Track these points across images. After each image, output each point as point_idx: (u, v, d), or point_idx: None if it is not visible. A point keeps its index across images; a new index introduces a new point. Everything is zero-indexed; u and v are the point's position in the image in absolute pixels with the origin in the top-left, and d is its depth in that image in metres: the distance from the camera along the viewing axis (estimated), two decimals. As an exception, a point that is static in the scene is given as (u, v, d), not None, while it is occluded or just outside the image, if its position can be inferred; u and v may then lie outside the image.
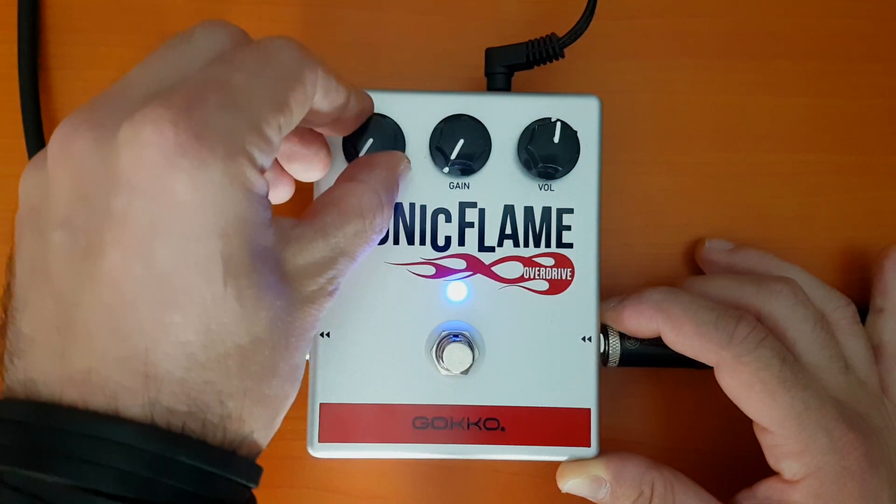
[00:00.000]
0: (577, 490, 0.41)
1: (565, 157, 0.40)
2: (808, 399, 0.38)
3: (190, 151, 0.28)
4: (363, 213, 0.35)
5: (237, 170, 0.29)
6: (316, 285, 0.33)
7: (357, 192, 0.36)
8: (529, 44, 0.42)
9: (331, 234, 0.34)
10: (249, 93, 0.31)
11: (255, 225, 0.30)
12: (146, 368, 0.28)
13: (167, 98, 0.29)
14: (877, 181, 0.49)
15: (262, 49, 0.33)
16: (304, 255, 0.33)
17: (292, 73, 0.33)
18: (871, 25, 0.50)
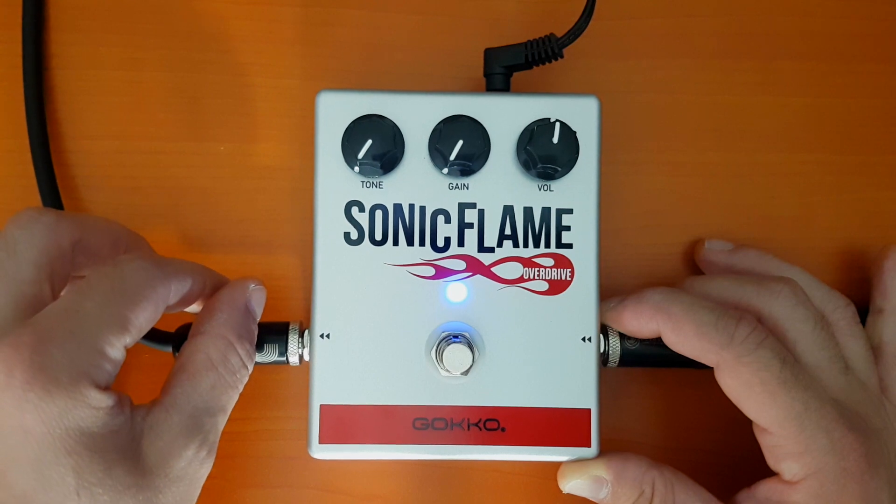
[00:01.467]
0: (578, 490, 0.41)
1: (564, 157, 0.40)
2: (808, 400, 0.38)
3: (36, 386, 0.31)
4: (213, 364, 0.38)
5: (80, 393, 0.32)
6: (184, 460, 0.35)
7: (201, 346, 0.38)
8: (528, 44, 0.42)
9: (184, 404, 0.36)
10: (95, 319, 0.34)
11: (104, 435, 0.33)
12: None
13: (17, 336, 0.32)
14: (877, 181, 0.49)
15: (117, 274, 0.36)
16: (162, 438, 0.35)
17: (142, 293, 0.36)
18: (871, 25, 0.50)
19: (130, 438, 0.34)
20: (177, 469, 0.35)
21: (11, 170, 0.47)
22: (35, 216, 0.37)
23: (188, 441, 0.35)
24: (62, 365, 0.32)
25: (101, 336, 0.34)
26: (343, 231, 0.41)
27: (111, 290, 0.35)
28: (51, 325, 0.33)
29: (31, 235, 0.36)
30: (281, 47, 0.48)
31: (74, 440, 0.32)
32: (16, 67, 0.47)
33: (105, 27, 0.48)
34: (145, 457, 0.34)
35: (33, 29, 0.47)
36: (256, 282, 0.42)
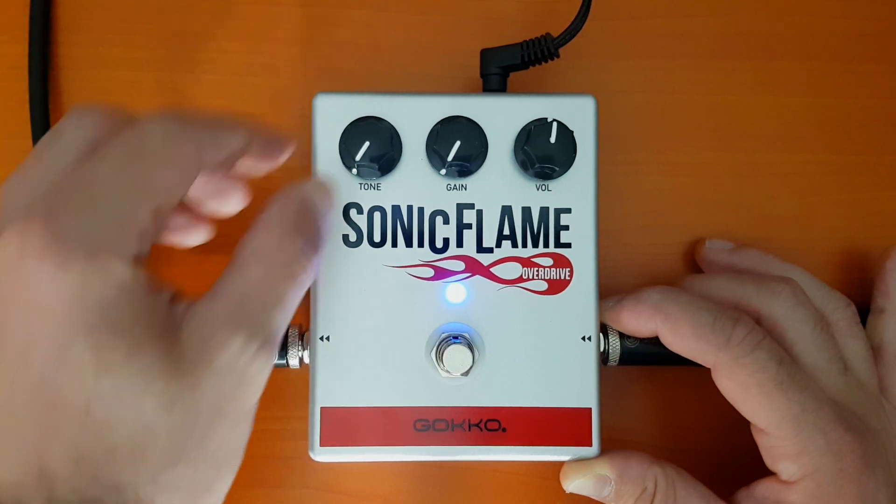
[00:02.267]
0: (581, 490, 0.41)
1: (562, 157, 0.40)
2: (805, 401, 0.38)
3: (49, 258, 0.29)
4: (262, 253, 0.34)
5: (100, 266, 0.30)
6: (230, 351, 0.32)
7: (250, 237, 0.35)
8: (524, 44, 0.42)
9: (230, 293, 0.33)
10: (112, 187, 0.31)
11: (130, 314, 0.30)
12: (39, 468, 0.29)
13: (30, 210, 0.31)
14: (877, 181, 0.49)
15: (134, 136, 0.33)
16: (203, 327, 0.32)
17: (166, 155, 0.33)
18: (871, 25, 0.50)
19: (167, 324, 0.32)
20: (221, 361, 0.31)
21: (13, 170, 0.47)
22: (87, 108, 0.35)
23: (234, 330, 0.32)
24: (77, 234, 0.30)
25: (119, 202, 0.31)
26: (342, 233, 0.41)
27: (129, 153, 0.32)
28: (65, 195, 0.31)
29: (80, 126, 0.34)
30: (281, 47, 0.49)
31: (95, 315, 0.30)
32: (20, 68, 0.47)
33: (105, 27, 0.48)
34: (184, 344, 0.31)
35: (41, 29, 0.47)
36: (320, 178, 0.39)
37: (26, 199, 0.32)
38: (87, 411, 0.29)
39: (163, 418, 0.30)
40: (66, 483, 0.29)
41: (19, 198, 0.32)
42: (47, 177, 0.33)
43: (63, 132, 0.34)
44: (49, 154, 0.34)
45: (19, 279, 0.30)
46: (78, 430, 0.29)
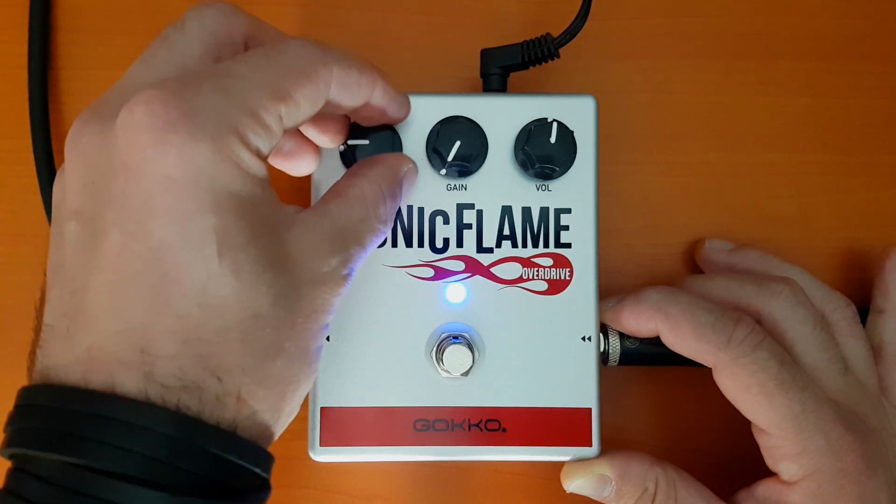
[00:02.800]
0: (582, 490, 0.41)
1: (562, 157, 0.40)
2: (806, 401, 0.38)
3: (180, 128, 0.29)
4: (366, 202, 0.36)
5: (228, 147, 0.30)
6: (326, 266, 0.33)
7: (358, 183, 0.36)
8: (524, 44, 0.42)
9: (337, 219, 0.34)
10: (247, 81, 0.31)
11: (252, 202, 0.31)
12: (143, 343, 0.29)
13: (161, 82, 0.30)
14: (877, 181, 0.49)
15: (273, 47, 0.33)
16: (311, 236, 0.33)
17: (301, 69, 0.33)
18: (871, 25, 0.50)
19: (279, 220, 0.32)
20: (318, 272, 0.33)
21: (12, 170, 0.47)
22: (211, 2, 0.35)
23: (334, 251, 0.33)
24: (209, 113, 0.29)
25: (253, 96, 0.31)
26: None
27: (268, 60, 0.32)
28: (200, 76, 0.31)
29: (202, 17, 0.34)
30: (280, 48, 0.49)
31: (220, 196, 0.29)
32: (19, 67, 0.48)
33: (105, 27, 0.49)
34: (291, 245, 0.32)
35: (40, 30, 0.47)
36: (414, 164, 0.40)
37: (154, 75, 0.32)
38: (203, 289, 0.29)
39: (271, 309, 0.31)
40: (170, 362, 0.29)
41: (146, 75, 0.32)
42: (168, 65, 0.33)
43: (185, 24, 0.34)
44: (170, 43, 0.34)
45: (147, 147, 0.29)
46: (191, 308, 0.29)
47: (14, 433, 0.29)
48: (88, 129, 0.31)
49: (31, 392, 0.30)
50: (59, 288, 0.31)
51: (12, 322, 0.48)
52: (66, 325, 0.30)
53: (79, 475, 0.28)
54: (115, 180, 0.30)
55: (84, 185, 0.31)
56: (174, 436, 0.28)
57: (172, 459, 0.28)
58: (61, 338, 0.30)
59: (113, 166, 0.30)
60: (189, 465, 0.28)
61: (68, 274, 0.30)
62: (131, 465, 0.28)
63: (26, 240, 0.48)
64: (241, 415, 0.31)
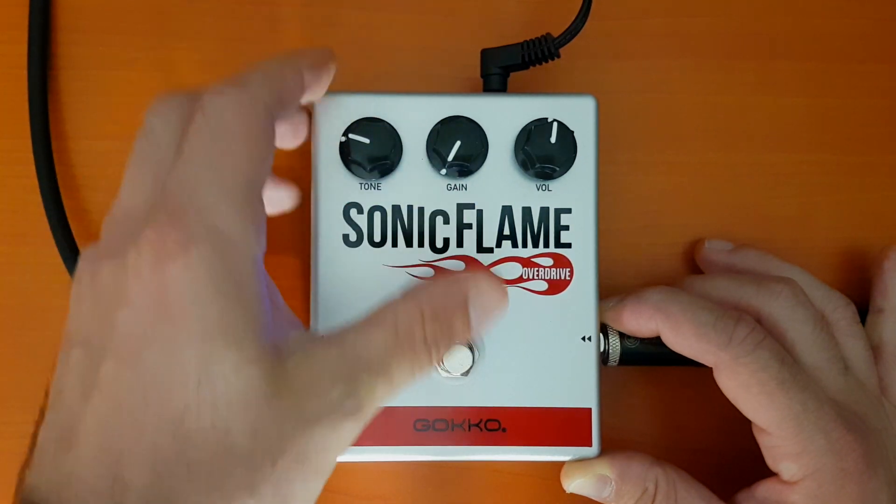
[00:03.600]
0: (582, 490, 0.41)
1: (562, 157, 0.40)
2: (807, 400, 0.38)
3: (179, 260, 0.30)
4: (395, 324, 0.33)
5: (223, 266, 0.31)
6: (323, 403, 0.30)
7: (393, 304, 0.34)
8: (525, 44, 0.42)
9: (350, 345, 0.32)
10: (218, 181, 0.32)
11: (244, 326, 0.30)
12: (116, 471, 0.28)
13: (156, 221, 0.31)
14: (877, 181, 0.49)
15: (209, 129, 0.33)
16: (311, 365, 0.31)
17: (242, 139, 0.33)
18: (871, 25, 0.50)
19: (276, 349, 0.31)
20: (312, 409, 0.30)
21: (11, 170, 0.47)
22: (165, 97, 0.36)
23: (336, 381, 0.31)
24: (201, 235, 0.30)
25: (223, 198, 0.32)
26: (342, 233, 0.41)
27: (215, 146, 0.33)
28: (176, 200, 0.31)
29: (165, 118, 0.35)
30: (281, 47, 0.48)
31: (212, 322, 0.30)
32: (18, 67, 0.47)
33: (105, 27, 0.48)
34: (286, 376, 0.30)
35: (40, 29, 0.47)
36: (493, 283, 0.35)
37: (142, 199, 0.33)
38: (180, 420, 0.29)
39: (247, 446, 0.29)
40: (139, 494, 0.28)
41: (136, 206, 0.33)
42: (151, 179, 0.34)
43: (153, 131, 0.35)
44: (146, 157, 0.34)
45: (150, 282, 0.30)
46: (165, 439, 0.29)
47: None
48: (103, 267, 0.32)
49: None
50: (56, 412, 0.31)
51: (12, 322, 0.47)
52: (55, 449, 0.30)
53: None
54: (119, 311, 0.30)
55: (94, 317, 0.31)
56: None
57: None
58: (49, 460, 0.30)
59: (121, 301, 0.30)
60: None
61: (66, 399, 0.30)
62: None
63: (26, 240, 0.47)
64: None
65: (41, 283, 0.48)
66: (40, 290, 0.47)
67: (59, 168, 0.47)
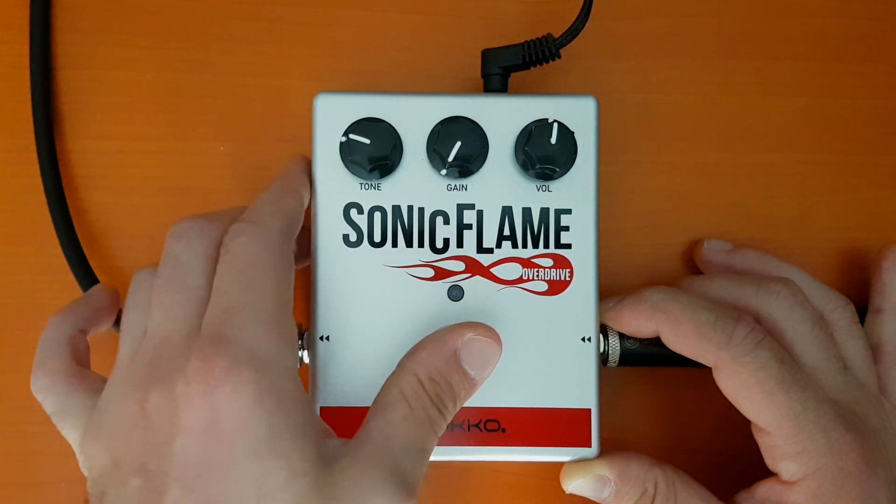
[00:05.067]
0: (581, 490, 0.41)
1: (562, 157, 0.40)
2: (806, 400, 0.38)
3: (228, 386, 0.33)
4: (405, 398, 0.36)
5: (267, 381, 0.33)
6: (383, 497, 0.33)
7: (393, 380, 0.37)
8: (525, 45, 0.42)
9: (376, 435, 0.35)
10: (250, 306, 0.35)
11: (290, 440, 0.33)
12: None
13: (200, 348, 0.34)
14: (877, 181, 0.49)
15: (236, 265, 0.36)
16: (355, 467, 0.34)
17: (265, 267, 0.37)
18: (871, 25, 0.50)
19: (321, 454, 0.34)
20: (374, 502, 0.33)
21: (12, 170, 0.47)
22: (186, 225, 0.38)
23: (384, 476, 0.34)
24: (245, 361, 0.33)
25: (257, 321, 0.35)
26: (342, 233, 0.41)
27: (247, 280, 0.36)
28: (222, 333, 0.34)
29: (190, 246, 0.38)
30: (281, 47, 0.48)
31: (262, 439, 0.32)
32: (19, 67, 0.47)
33: (105, 27, 0.48)
34: (336, 482, 0.33)
35: (41, 29, 0.47)
36: (481, 333, 0.39)
37: (179, 325, 0.36)
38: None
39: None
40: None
41: (173, 324, 0.36)
42: (190, 300, 0.36)
43: (179, 260, 0.37)
44: (178, 286, 0.37)
45: (203, 409, 0.33)
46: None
47: None
48: (153, 395, 0.34)
49: None
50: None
51: (12, 322, 0.48)
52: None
53: None
54: (177, 440, 0.33)
55: (148, 444, 0.33)
56: None
57: None
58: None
59: (176, 430, 0.33)
60: None
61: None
62: None
63: (26, 240, 0.48)
64: None
65: (41, 283, 0.48)
66: (41, 290, 0.47)
67: (59, 168, 0.47)
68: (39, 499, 0.47)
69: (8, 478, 0.47)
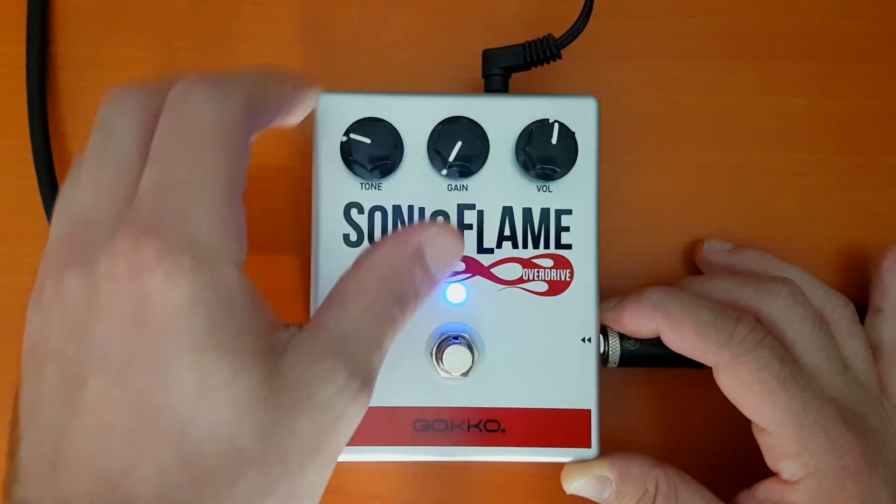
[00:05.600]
0: (582, 491, 0.41)
1: (563, 158, 0.40)
2: (807, 399, 0.38)
3: (160, 272, 0.29)
4: (362, 292, 0.33)
5: (206, 273, 0.29)
6: (332, 386, 0.30)
7: (352, 276, 0.34)
8: (526, 45, 0.42)
9: (332, 328, 0.32)
10: (195, 185, 0.30)
11: (236, 333, 0.30)
12: (121, 491, 0.28)
13: (130, 226, 0.30)
14: (877, 181, 0.49)
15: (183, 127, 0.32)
16: (305, 358, 0.31)
17: (220, 139, 0.32)
18: (871, 25, 0.50)
19: (269, 347, 0.30)
20: (322, 396, 0.30)
21: (12, 170, 0.47)
22: (119, 91, 0.33)
23: (336, 364, 0.31)
24: (181, 246, 0.29)
25: (208, 201, 0.30)
26: (342, 233, 0.41)
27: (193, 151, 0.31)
28: (156, 207, 0.30)
29: (123, 114, 0.33)
30: (281, 47, 0.48)
31: (202, 332, 0.29)
32: (18, 67, 0.47)
33: (105, 27, 0.48)
34: (285, 374, 0.30)
35: (39, 29, 0.47)
36: (446, 230, 0.36)
37: (108, 200, 0.31)
38: (182, 435, 0.28)
39: (257, 449, 0.29)
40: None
41: (103, 210, 0.31)
42: (121, 174, 0.32)
43: (112, 129, 0.33)
44: (109, 157, 0.32)
45: (129, 295, 0.29)
46: (169, 455, 0.28)
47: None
48: (70, 275, 0.30)
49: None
50: (38, 429, 0.30)
51: (12, 322, 0.47)
52: (46, 469, 0.29)
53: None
54: (97, 327, 0.29)
55: (66, 329, 0.30)
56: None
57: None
58: (42, 479, 0.29)
59: (96, 315, 0.29)
60: None
61: (47, 416, 0.30)
62: None
63: (26, 240, 0.47)
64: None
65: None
66: (40, 290, 0.47)
67: (58, 168, 0.47)
68: (39, 499, 0.47)
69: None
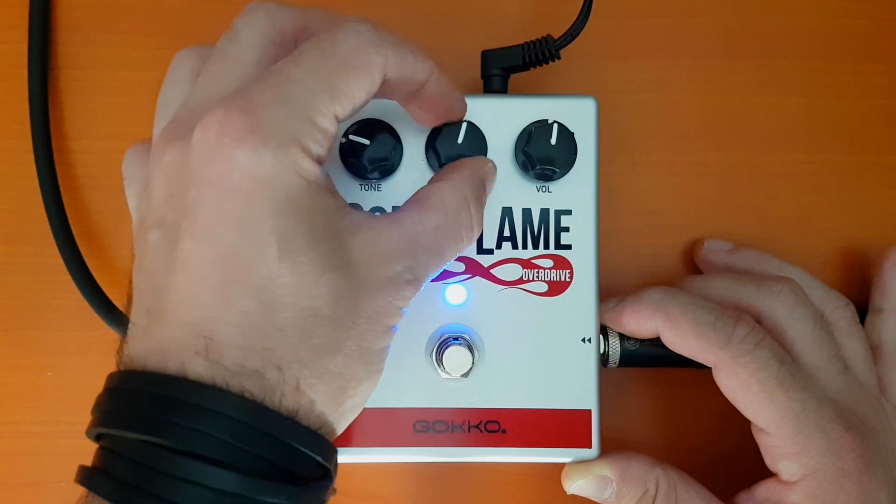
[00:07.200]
0: (583, 491, 0.41)
1: (562, 158, 0.40)
2: (806, 400, 0.38)
3: (246, 144, 0.31)
4: (445, 209, 0.36)
5: (289, 158, 0.31)
6: (389, 272, 0.34)
7: (439, 190, 0.37)
8: (525, 46, 0.42)
9: (408, 227, 0.35)
10: (304, 86, 0.32)
11: (313, 208, 0.32)
12: (209, 333, 0.31)
13: (229, 100, 0.32)
14: (877, 181, 0.49)
15: (326, 39, 0.34)
16: (376, 243, 0.34)
17: (355, 62, 0.33)
18: (871, 25, 0.50)
19: (343, 225, 0.33)
20: (380, 277, 0.34)
21: (12, 169, 0.47)
22: (256, 5, 0.36)
23: (399, 258, 0.34)
24: (271, 128, 0.31)
25: (309, 103, 0.32)
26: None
27: (321, 56, 0.33)
28: (261, 90, 0.32)
29: (253, 23, 0.35)
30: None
31: (283, 203, 0.31)
32: (19, 67, 0.48)
33: (105, 27, 0.48)
34: (357, 250, 0.33)
35: (40, 30, 0.47)
36: (492, 164, 0.40)
37: (219, 91, 0.34)
38: (264, 288, 0.31)
39: (330, 309, 0.32)
40: (233, 351, 0.31)
41: (213, 90, 0.34)
42: (236, 72, 0.34)
43: (239, 34, 0.35)
44: (229, 57, 0.35)
45: (216, 161, 0.31)
46: (252, 305, 0.31)
47: (100, 415, 0.32)
48: (170, 149, 0.33)
49: (115, 377, 0.32)
50: (142, 289, 0.33)
51: (12, 322, 0.48)
52: (146, 322, 0.32)
53: (158, 454, 0.29)
54: (189, 191, 0.32)
55: (166, 197, 0.33)
56: (241, 419, 0.30)
57: (240, 442, 0.30)
58: (142, 332, 0.32)
59: (189, 179, 0.32)
60: (254, 447, 0.30)
61: (149, 277, 0.33)
62: (202, 445, 0.29)
63: (26, 240, 0.48)
64: (301, 405, 0.32)
65: (41, 283, 0.48)
66: (40, 290, 0.48)
67: (59, 168, 0.47)
68: (39, 499, 0.47)
69: (8, 478, 0.47)
